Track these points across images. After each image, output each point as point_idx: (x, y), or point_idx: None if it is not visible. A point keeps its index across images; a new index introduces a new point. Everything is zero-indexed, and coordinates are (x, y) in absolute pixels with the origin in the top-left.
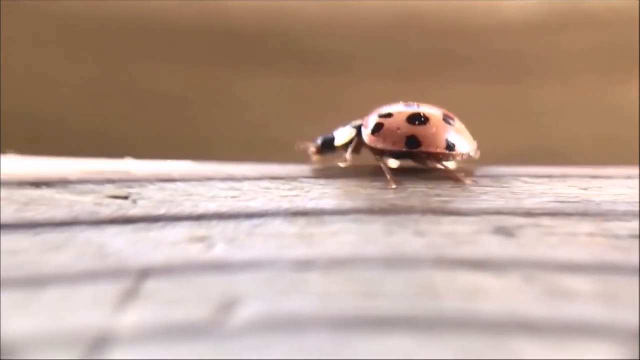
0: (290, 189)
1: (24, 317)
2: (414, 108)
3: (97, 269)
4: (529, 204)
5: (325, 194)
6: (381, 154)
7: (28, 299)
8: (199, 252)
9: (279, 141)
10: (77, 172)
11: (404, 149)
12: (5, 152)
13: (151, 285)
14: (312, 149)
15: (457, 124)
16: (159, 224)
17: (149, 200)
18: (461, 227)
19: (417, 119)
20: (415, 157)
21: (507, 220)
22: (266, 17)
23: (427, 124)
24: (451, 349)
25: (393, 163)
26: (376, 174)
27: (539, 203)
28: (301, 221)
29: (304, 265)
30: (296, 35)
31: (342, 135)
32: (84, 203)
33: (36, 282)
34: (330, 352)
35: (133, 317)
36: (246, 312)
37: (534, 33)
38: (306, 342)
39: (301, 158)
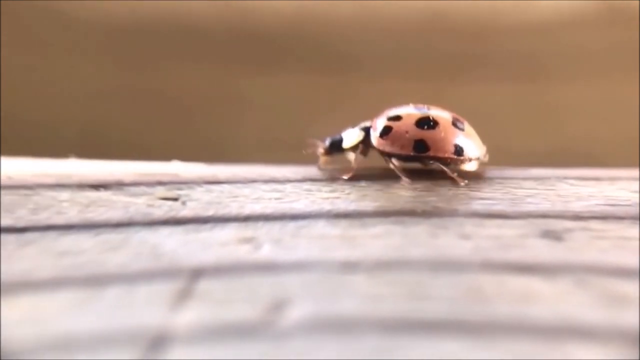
0: (331, 191)
1: (87, 316)
2: (424, 111)
3: (153, 269)
4: (577, 207)
5: (365, 196)
6: (389, 156)
7: (90, 297)
8: (247, 253)
9: (305, 141)
10: (130, 175)
11: (412, 153)
12: (67, 156)
13: (203, 285)
14: (320, 149)
15: (467, 127)
16: (208, 225)
17: (197, 202)
18: (507, 230)
19: (425, 123)
20: (423, 161)
21: (554, 224)
22: (290, 19)
23: (436, 128)
24: (503, 353)
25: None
26: (419, 175)
27: (587, 206)
28: (343, 223)
29: (349, 267)
30: (321, 37)
31: (350, 137)
32: (138, 204)
33: (97, 281)
34: (380, 354)
35: (189, 316)
36: (295, 313)
37: (560, 32)
38: (356, 344)
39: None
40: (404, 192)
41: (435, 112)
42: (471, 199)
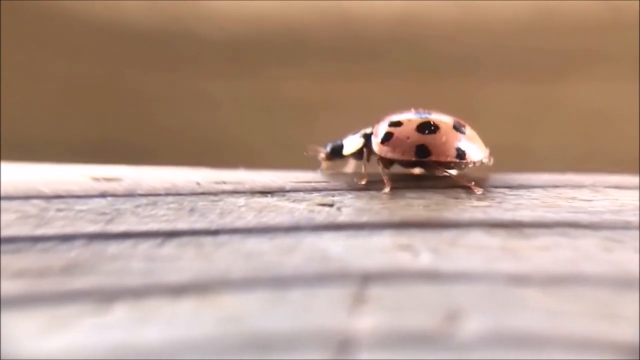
0: (479, 199)
1: (278, 316)
2: (424, 116)
3: (325, 273)
4: None
5: (520, 205)
6: (391, 163)
7: (277, 298)
8: (408, 261)
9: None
10: (290, 182)
11: (414, 159)
12: (237, 167)
13: (374, 291)
14: (322, 155)
15: (469, 131)
16: (365, 231)
17: (351, 208)
18: None
19: (426, 128)
20: (425, 166)
21: None
22: (391, 23)
23: (437, 133)
24: None
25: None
26: (575, 183)
27: None
28: (501, 233)
29: (519, 280)
30: (423, 40)
31: (351, 143)
32: (301, 210)
33: (280, 283)
34: None
35: (368, 322)
36: (473, 325)
37: None
38: None
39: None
40: (563, 202)
41: (436, 117)
42: None
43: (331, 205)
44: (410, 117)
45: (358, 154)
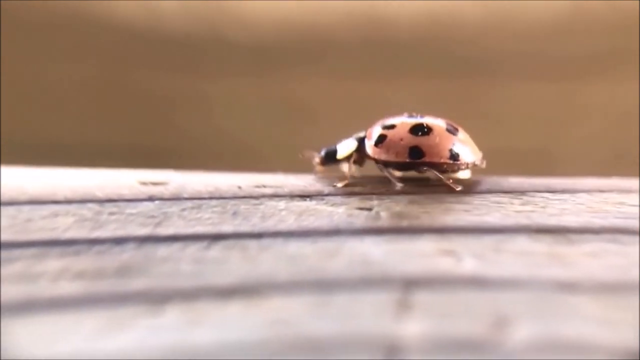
0: (522, 204)
1: (324, 320)
2: (417, 119)
3: (367, 277)
4: None
5: (565, 210)
6: (385, 165)
7: (322, 303)
8: (452, 266)
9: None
10: (328, 186)
11: (408, 160)
12: (275, 172)
13: (419, 297)
14: (316, 159)
15: (462, 134)
16: (405, 236)
17: (390, 212)
18: None
19: (419, 130)
20: (419, 168)
21: None
22: (418, 23)
23: (430, 134)
24: None
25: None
26: (622, 188)
27: None
28: (547, 239)
29: (568, 287)
30: (450, 41)
31: (344, 147)
32: (340, 214)
33: (325, 287)
34: None
35: (416, 328)
36: (522, 333)
37: None
38: None
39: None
40: (610, 207)
41: (429, 120)
42: None
43: (370, 209)
44: (403, 120)
45: (351, 158)
